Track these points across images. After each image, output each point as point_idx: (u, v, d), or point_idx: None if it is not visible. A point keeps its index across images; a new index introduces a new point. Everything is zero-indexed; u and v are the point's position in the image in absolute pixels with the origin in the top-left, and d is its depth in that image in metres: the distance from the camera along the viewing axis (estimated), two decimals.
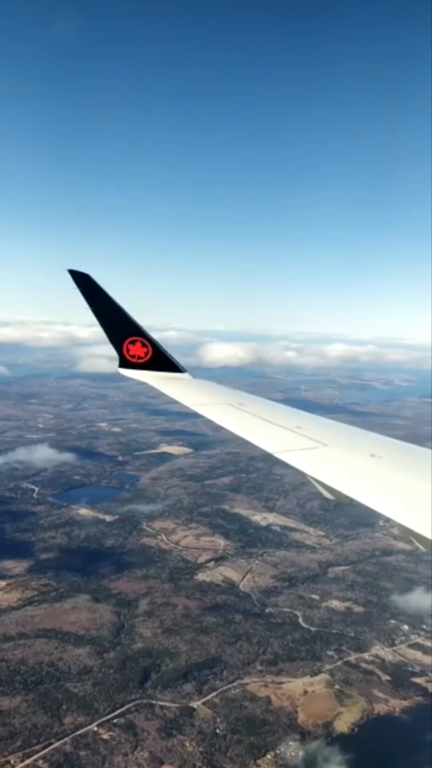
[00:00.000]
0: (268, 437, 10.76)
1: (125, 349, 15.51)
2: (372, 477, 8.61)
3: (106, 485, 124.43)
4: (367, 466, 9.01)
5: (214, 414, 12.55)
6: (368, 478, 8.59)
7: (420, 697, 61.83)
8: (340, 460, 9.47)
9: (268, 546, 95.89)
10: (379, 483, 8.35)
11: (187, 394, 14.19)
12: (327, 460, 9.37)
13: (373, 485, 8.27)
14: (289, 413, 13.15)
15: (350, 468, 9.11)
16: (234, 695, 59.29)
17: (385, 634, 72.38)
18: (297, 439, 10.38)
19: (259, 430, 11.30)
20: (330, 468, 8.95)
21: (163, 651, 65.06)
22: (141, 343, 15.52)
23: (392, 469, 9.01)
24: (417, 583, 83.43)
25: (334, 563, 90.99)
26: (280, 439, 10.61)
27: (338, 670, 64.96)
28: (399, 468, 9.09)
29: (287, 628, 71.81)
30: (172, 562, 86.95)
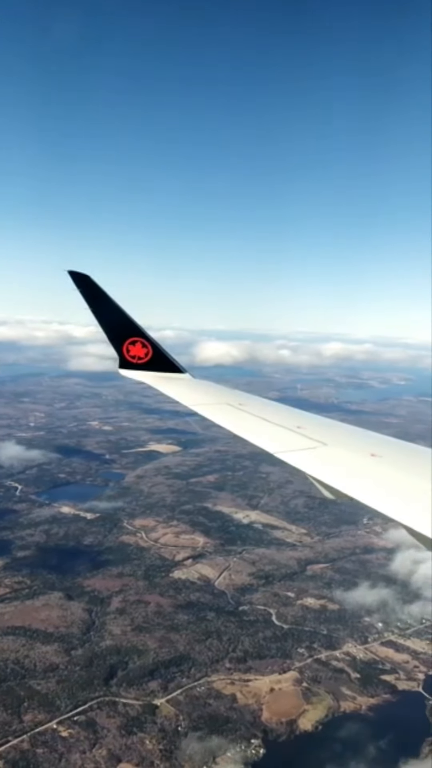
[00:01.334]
0: (268, 437, 10.76)
1: (125, 350, 15.50)
2: (372, 476, 8.60)
3: (91, 483, 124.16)
4: (368, 466, 9.01)
5: (213, 414, 12.54)
6: (369, 477, 8.57)
7: (388, 695, 61.43)
8: (341, 460, 9.47)
9: (248, 544, 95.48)
10: (380, 482, 8.35)
11: (187, 395, 14.18)
12: (327, 460, 9.34)
13: (373, 485, 8.26)
14: (290, 413, 13.11)
15: (351, 467, 9.10)
16: (199, 693, 58.93)
17: (359, 632, 71.97)
18: (297, 439, 10.36)
19: (259, 430, 11.30)
20: (330, 468, 8.90)
21: (132, 648, 64.72)
22: (141, 343, 15.53)
23: (393, 468, 9.00)
24: (372, 579, 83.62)
25: (313, 561, 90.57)
26: (280, 439, 10.59)
27: (307, 668, 64.56)
28: (399, 467, 9.07)
29: (259, 626, 71.40)
30: (149, 560, 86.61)
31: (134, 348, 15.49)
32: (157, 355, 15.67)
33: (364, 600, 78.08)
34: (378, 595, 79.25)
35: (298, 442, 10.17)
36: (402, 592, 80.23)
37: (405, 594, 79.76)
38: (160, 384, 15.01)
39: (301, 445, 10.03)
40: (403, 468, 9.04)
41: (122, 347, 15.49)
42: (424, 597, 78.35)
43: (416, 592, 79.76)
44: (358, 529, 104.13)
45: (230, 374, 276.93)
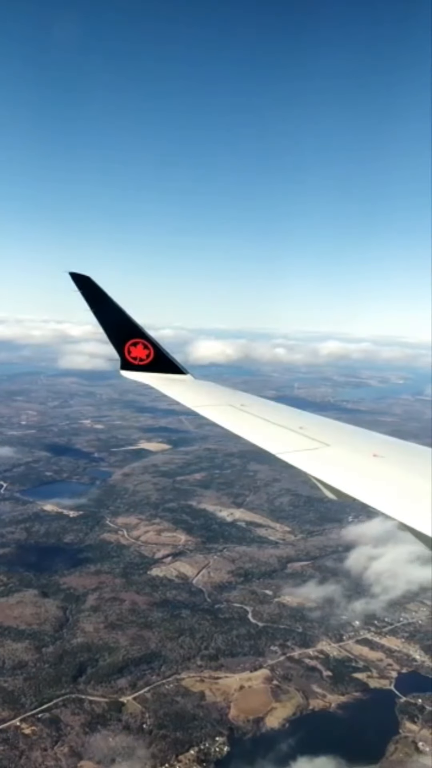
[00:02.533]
0: (270, 438, 10.71)
1: (127, 351, 15.42)
2: (375, 477, 8.56)
3: (77, 481, 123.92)
4: (370, 466, 8.95)
5: (215, 415, 12.51)
6: (371, 478, 8.53)
7: (359, 693, 61.04)
8: (343, 461, 9.44)
9: (230, 541, 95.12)
10: (382, 483, 8.31)
11: (189, 396, 14.15)
12: (329, 461, 9.32)
13: (375, 485, 8.22)
14: (291, 414, 13.07)
15: (353, 468, 9.06)
16: (167, 690, 58.63)
17: (334, 630, 71.55)
18: (299, 440, 10.33)
19: (261, 431, 11.29)
20: (332, 468, 8.87)
21: (103, 646, 64.48)
22: (142, 344, 15.46)
23: (395, 468, 8.95)
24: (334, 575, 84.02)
25: (294, 559, 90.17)
26: (282, 439, 10.54)
27: (279, 666, 64.22)
28: (402, 468, 9.03)
29: (234, 624, 71.07)
30: (128, 558, 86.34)
31: (135, 349, 15.44)
32: (159, 356, 15.60)
33: (309, 596, 77.91)
34: (324, 591, 79.21)
35: (300, 443, 10.14)
36: (350, 588, 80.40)
37: (352, 590, 79.89)
38: (162, 385, 14.98)
39: (303, 445, 10.01)
40: (406, 468, 9.01)
41: (124, 348, 15.43)
42: (369, 594, 78.68)
43: (365, 588, 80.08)
44: (342, 527, 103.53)
45: (228, 373, 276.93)
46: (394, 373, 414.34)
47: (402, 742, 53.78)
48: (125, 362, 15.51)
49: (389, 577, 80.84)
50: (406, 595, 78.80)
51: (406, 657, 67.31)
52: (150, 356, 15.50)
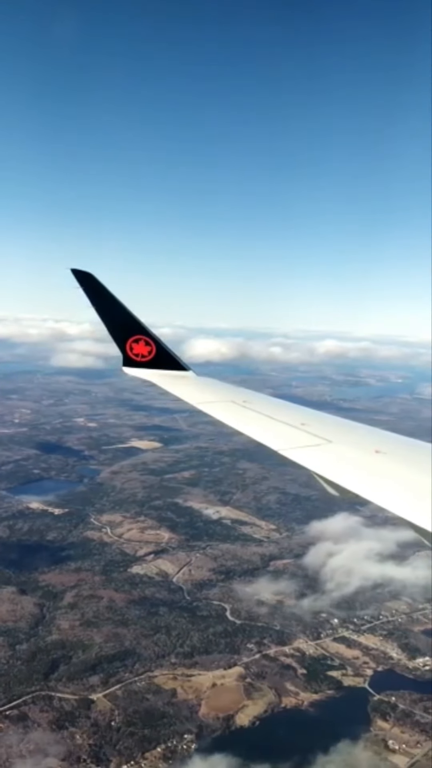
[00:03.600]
0: (273, 435, 10.73)
1: (129, 348, 15.44)
2: (377, 473, 8.59)
3: (65, 479, 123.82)
4: (372, 463, 8.96)
5: (218, 412, 12.46)
6: (373, 474, 8.56)
7: (332, 691, 60.72)
8: (345, 457, 9.43)
9: (213, 539, 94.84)
10: (384, 479, 8.32)
11: (191, 393, 14.10)
12: (332, 457, 9.32)
13: (378, 481, 8.24)
14: (294, 410, 13.03)
15: (355, 464, 9.05)
16: (138, 688, 58.41)
17: (312, 628, 71.20)
18: (302, 436, 10.30)
19: (263, 428, 11.25)
20: (335, 465, 8.89)
21: (77, 643, 64.28)
22: (144, 341, 15.49)
23: (397, 465, 8.97)
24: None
25: (277, 556, 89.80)
26: (284, 436, 10.53)
27: (254, 664, 63.92)
28: (404, 464, 9.05)
29: (211, 621, 70.78)
30: (109, 555, 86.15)
31: (138, 346, 15.45)
32: (161, 352, 15.63)
33: (289, 593, 77.88)
34: (275, 587, 79.22)
35: (303, 440, 10.09)
36: (301, 584, 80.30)
37: (304, 587, 79.72)
38: (164, 382, 14.98)
39: (305, 442, 9.96)
40: (408, 464, 8.99)
41: (126, 345, 15.43)
42: (321, 591, 78.41)
43: (321, 585, 79.96)
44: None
45: (226, 372, 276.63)
46: (393, 372, 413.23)
47: (372, 740, 53.47)
48: (127, 359, 15.54)
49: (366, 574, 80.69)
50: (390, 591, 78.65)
51: (383, 655, 66.96)
52: (152, 353, 15.55)
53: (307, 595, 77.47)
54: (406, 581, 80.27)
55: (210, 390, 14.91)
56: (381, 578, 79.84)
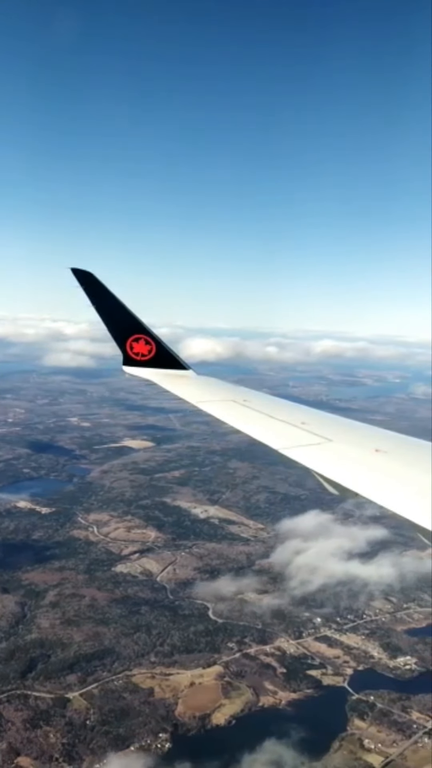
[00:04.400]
0: (273, 433, 10.72)
1: (129, 347, 15.47)
2: (377, 472, 8.58)
3: (55, 478, 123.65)
4: (372, 461, 8.96)
5: (218, 411, 12.47)
6: (373, 473, 8.56)
7: (311, 690, 60.51)
8: (345, 456, 9.45)
9: (200, 538, 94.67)
10: (385, 478, 8.32)
11: (191, 392, 14.11)
12: (332, 456, 9.32)
13: (377, 480, 8.24)
14: (294, 409, 13.02)
15: (355, 463, 9.06)
16: (116, 686, 58.21)
17: (294, 627, 71.00)
18: (302, 435, 10.30)
19: (263, 427, 11.26)
20: (335, 463, 8.88)
21: (56, 642, 64.09)
22: (144, 340, 15.52)
23: (397, 463, 8.97)
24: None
25: (263, 556, 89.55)
26: (284, 435, 10.53)
27: (234, 662, 63.74)
28: (404, 463, 9.05)
29: (193, 620, 70.58)
30: (94, 554, 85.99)
31: (138, 345, 15.47)
32: (161, 352, 15.66)
33: (273, 592, 77.77)
34: (236, 584, 79.36)
35: (303, 438, 10.09)
36: (262, 582, 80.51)
37: (266, 584, 79.90)
38: (164, 381, 15.00)
39: (305, 441, 9.96)
40: (408, 463, 9.00)
41: (126, 344, 15.45)
42: (280, 589, 78.59)
43: (281, 583, 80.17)
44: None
45: (224, 372, 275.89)
46: (390, 372, 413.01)
47: (348, 739, 53.26)
48: (127, 358, 15.54)
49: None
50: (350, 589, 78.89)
51: (363, 654, 66.76)
52: (152, 352, 15.57)
53: (268, 592, 77.67)
54: (369, 579, 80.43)
55: (210, 389, 14.90)
56: (345, 576, 79.95)
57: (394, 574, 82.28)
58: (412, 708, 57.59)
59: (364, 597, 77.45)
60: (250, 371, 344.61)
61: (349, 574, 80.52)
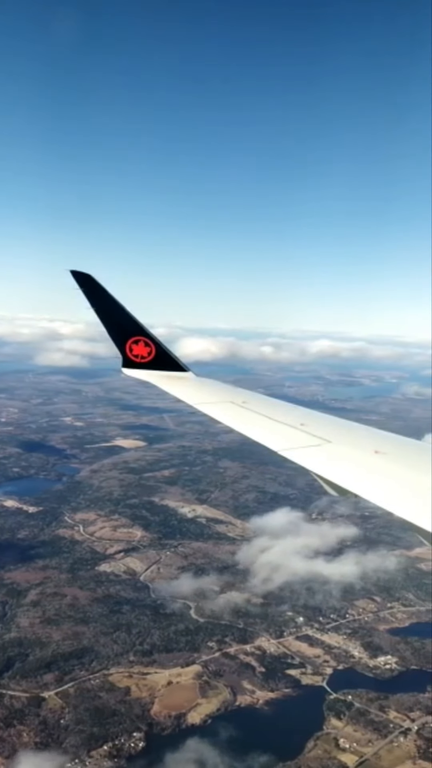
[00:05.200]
0: (272, 435, 10.76)
1: (128, 349, 15.47)
2: (376, 473, 8.62)
3: (44, 477, 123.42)
4: (372, 463, 9.01)
5: (217, 412, 12.50)
6: (373, 474, 8.60)
7: (289, 689, 60.25)
8: (345, 457, 9.51)
9: (186, 537, 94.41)
10: (384, 479, 8.36)
11: (191, 393, 14.15)
12: (331, 457, 9.39)
13: (377, 481, 8.29)
14: (293, 410, 13.12)
15: (354, 464, 9.12)
16: (92, 685, 57.98)
17: (276, 626, 70.74)
18: (301, 437, 10.35)
19: (262, 428, 11.30)
20: (334, 465, 8.95)
21: (35, 641, 63.90)
22: (144, 342, 15.52)
23: (397, 465, 9.00)
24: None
25: (249, 555, 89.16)
26: (283, 436, 10.60)
27: (213, 662, 63.50)
28: (403, 464, 9.09)
29: (174, 619, 70.37)
30: (78, 553, 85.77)
31: (137, 347, 15.46)
32: (160, 353, 15.66)
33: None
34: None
35: (302, 440, 10.13)
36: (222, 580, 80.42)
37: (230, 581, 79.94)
38: (164, 383, 15.03)
39: (305, 442, 10.00)
40: (408, 465, 9.03)
41: (125, 346, 15.43)
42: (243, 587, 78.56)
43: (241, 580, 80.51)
44: (306, 523, 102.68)
45: (220, 372, 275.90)
46: (388, 372, 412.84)
47: (323, 739, 52.99)
48: (127, 360, 15.51)
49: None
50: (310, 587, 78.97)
51: (344, 653, 66.48)
52: (152, 354, 15.55)
53: (227, 590, 77.61)
54: (330, 577, 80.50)
55: (209, 391, 14.93)
56: (307, 574, 79.96)
57: (357, 572, 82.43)
58: (390, 707, 57.33)
59: (322, 595, 77.29)
60: (247, 371, 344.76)
61: (311, 572, 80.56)
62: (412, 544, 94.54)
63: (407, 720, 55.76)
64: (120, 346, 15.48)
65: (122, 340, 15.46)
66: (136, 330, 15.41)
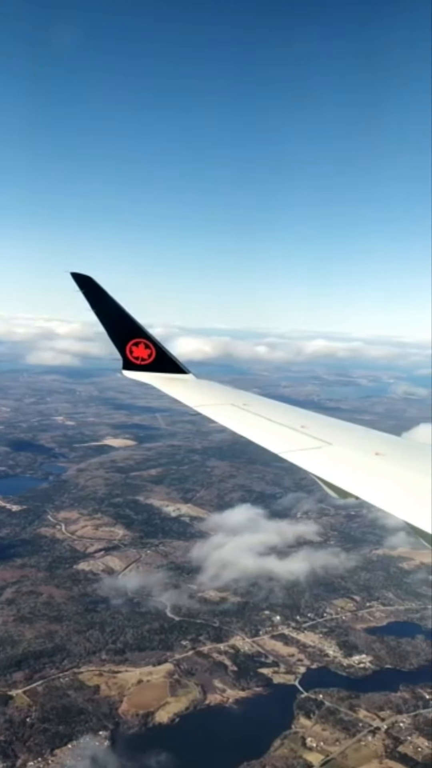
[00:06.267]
0: (273, 437, 10.73)
1: (128, 351, 15.44)
2: (377, 475, 8.60)
3: (31, 476, 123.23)
4: (372, 465, 9.00)
5: (217, 415, 12.53)
6: (373, 476, 8.58)
7: (260, 688, 59.91)
8: (345, 459, 9.49)
9: (169, 536, 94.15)
10: (385, 481, 8.32)
11: (191, 395, 14.13)
12: (332, 460, 9.36)
13: (378, 484, 8.26)
14: (294, 413, 13.10)
15: (355, 466, 9.11)
16: (61, 684, 57.66)
17: (252, 625, 70.43)
18: (302, 439, 10.34)
19: (263, 431, 11.28)
20: (335, 467, 8.92)
21: (7, 639, 63.61)
22: (144, 344, 15.49)
23: (397, 467, 8.99)
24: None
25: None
26: (284, 438, 10.56)
27: (186, 660, 63.20)
28: (404, 466, 9.09)
29: (149, 618, 70.10)
30: (58, 552, 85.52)
31: (137, 349, 15.42)
32: (161, 356, 15.62)
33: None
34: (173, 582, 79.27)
35: (303, 442, 10.12)
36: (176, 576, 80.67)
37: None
38: (164, 385, 14.97)
39: (305, 444, 9.98)
40: (408, 466, 9.02)
41: (126, 348, 15.39)
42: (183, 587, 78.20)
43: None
44: (289, 523, 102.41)
45: (217, 372, 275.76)
46: (386, 372, 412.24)
47: (290, 738, 52.62)
48: (127, 362, 15.47)
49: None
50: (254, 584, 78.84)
51: (319, 652, 66.13)
52: (152, 356, 15.49)
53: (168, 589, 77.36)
54: (278, 575, 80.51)
55: (210, 393, 14.83)
56: (256, 571, 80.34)
57: (305, 569, 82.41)
58: (360, 706, 56.96)
59: (264, 592, 77.12)
60: (244, 371, 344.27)
61: (261, 569, 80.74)
62: (396, 544, 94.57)
63: (377, 719, 55.39)
64: (120, 348, 15.42)
65: (122, 342, 15.40)
66: (137, 332, 15.35)
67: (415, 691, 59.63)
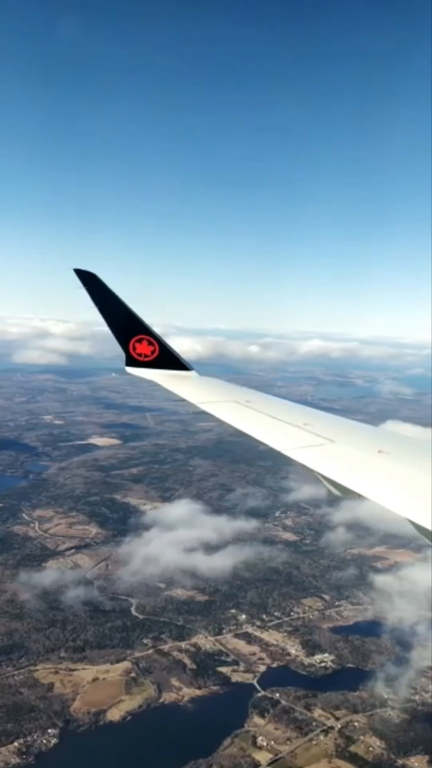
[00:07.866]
0: (276, 435, 10.70)
1: (132, 348, 15.45)
2: (380, 473, 8.61)
3: (11, 474, 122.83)
4: (375, 462, 8.98)
5: (220, 411, 12.47)
6: (376, 474, 8.58)
7: (217, 687, 59.43)
8: (348, 457, 9.47)
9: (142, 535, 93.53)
10: (387, 479, 8.33)
11: (194, 392, 14.06)
12: (335, 457, 9.34)
13: (381, 481, 8.27)
14: (297, 410, 13.11)
15: (358, 464, 9.09)
16: (15, 681, 57.31)
17: (216, 623, 69.91)
18: (305, 436, 10.31)
19: (266, 428, 11.21)
20: (338, 464, 8.90)
21: None
22: (147, 341, 15.48)
23: (400, 464, 9.01)
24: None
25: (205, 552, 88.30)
26: (287, 436, 10.53)
27: (145, 659, 62.75)
28: (407, 463, 9.10)
29: (112, 616, 69.68)
30: (28, 550, 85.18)
31: (141, 346, 15.41)
32: (164, 352, 15.60)
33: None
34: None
35: (306, 440, 10.08)
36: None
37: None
38: (167, 382, 14.96)
39: (308, 442, 9.95)
40: (411, 464, 9.01)
41: (129, 345, 15.38)
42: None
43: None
44: (266, 521, 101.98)
45: (214, 372, 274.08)
46: (383, 372, 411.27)
47: (241, 737, 52.13)
48: (130, 359, 15.42)
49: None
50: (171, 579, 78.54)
51: (281, 651, 65.55)
52: (155, 352, 15.45)
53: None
54: (200, 571, 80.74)
55: (213, 390, 14.70)
56: (177, 566, 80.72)
57: (228, 565, 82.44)
58: (316, 706, 56.41)
59: (178, 587, 77.14)
60: (240, 371, 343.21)
61: (184, 565, 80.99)
62: (373, 543, 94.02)
63: (332, 718, 54.82)
64: (123, 345, 15.33)
65: (126, 339, 15.30)
66: (140, 329, 15.24)
67: (373, 690, 59.01)
